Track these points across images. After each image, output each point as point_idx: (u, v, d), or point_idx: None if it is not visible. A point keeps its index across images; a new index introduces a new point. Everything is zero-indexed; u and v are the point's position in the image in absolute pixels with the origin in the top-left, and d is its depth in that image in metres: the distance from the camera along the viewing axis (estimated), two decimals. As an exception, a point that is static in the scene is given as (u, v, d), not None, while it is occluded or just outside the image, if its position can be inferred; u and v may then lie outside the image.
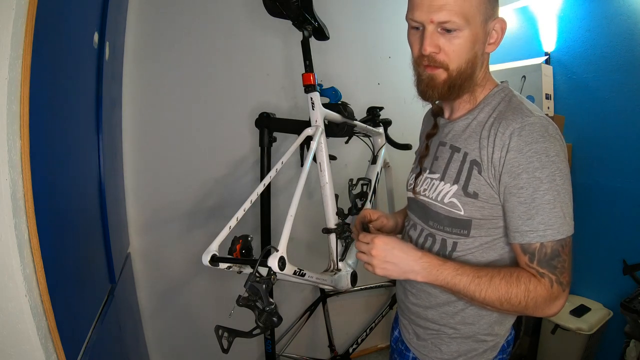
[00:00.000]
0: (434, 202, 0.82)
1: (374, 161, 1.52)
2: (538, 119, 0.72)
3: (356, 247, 0.82)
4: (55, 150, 0.81)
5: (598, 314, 1.83)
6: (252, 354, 1.92)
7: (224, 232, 0.88)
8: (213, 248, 0.83)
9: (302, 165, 1.08)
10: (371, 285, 2.09)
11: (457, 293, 0.75)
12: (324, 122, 1.16)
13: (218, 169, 1.71)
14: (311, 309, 1.96)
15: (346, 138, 1.44)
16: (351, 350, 2.04)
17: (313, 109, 1.13)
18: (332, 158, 1.21)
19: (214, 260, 0.82)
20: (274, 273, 0.77)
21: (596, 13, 1.86)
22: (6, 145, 0.61)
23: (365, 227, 1.08)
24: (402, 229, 1.01)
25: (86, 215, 1.01)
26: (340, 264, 1.16)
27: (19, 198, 0.65)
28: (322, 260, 1.20)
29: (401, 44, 0.90)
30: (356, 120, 1.36)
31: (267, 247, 0.78)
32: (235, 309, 0.70)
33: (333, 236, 1.17)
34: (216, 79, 1.67)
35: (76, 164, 0.96)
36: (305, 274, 0.92)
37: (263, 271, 0.78)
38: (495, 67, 2.05)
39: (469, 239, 0.79)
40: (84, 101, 1.02)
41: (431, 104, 0.90)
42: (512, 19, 2.19)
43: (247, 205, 0.93)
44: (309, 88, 1.13)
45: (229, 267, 0.83)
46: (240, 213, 0.91)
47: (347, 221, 1.26)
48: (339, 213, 1.19)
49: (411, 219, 0.92)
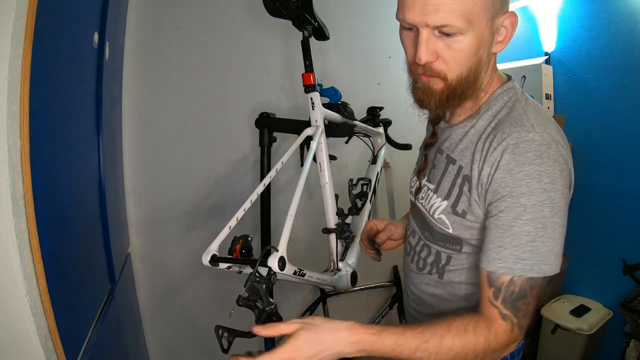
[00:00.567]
0: (427, 215, 0.78)
1: (374, 161, 1.52)
2: (539, 136, 0.62)
3: None
4: (55, 150, 0.81)
5: (598, 314, 1.83)
6: (252, 354, 1.92)
7: (224, 232, 0.88)
8: (213, 248, 0.83)
9: (302, 165, 1.08)
10: (371, 285, 2.09)
11: None
12: (324, 122, 1.16)
13: (218, 169, 1.71)
14: (311, 309, 1.95)
15: (346, 138, 1.44)
16: (351, 350, 2.04)
17: (313, 109, 1.13)
18: (332, 158, 1.21)
19: (214, 260, 0.82)
20: (274, 273, 0.77)
21: (596, 13, 1.86)
22: (6, 145, 0.61)
23: (371, 242, 1.07)
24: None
25: (86, 215, 1.01)
26: (340, 264, 1.17)
27: (19, 198, 0.65)
28: (322, 260, 1.20)
29: (401, 44, 0.89)
30: (356, 120, 1.36)
31: (267, 247, 0.78)
32: (235, 309, 0.70)
33: (333, 236, 1.17)
34: (216, 79, 1.67)
35: (76, 164, 0.96)
36: (305, 274, 0.92)
37: (263, 271, 0.78)
38: (495, 67, 2.05)
39: (462, 255, 0.74)
40: (84, 101, 1.02)
41: (429, 112, 0.82)
42: (512, 19, 2.18)
43: (247, 205, 0.93)
44: (309, 88, 1.13)
45: (229, 267, 0.83)
46: (240, 213, 0.91)
47: (347, 221, 1.26)
48: (339, 213, 1.19)
49: (411, 225, 0.88)
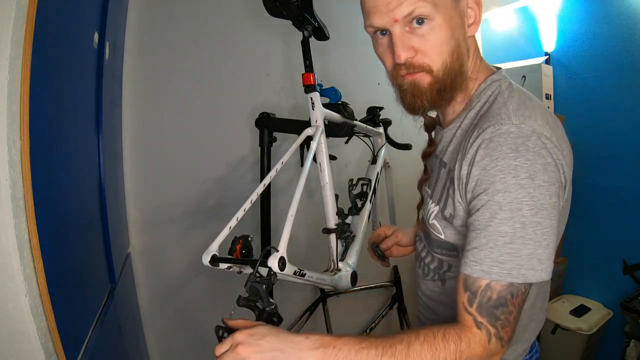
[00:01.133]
0: (426, 221, 0.77)
1: (374, 161, 1.51)
2: (515, 128, 0.58)
3: None
4: (55, 150, 0.81)
5: (598, 314, 1.84)
6: (252, 354, 1.91)
7: (224, 233, 0.87)
8: (213, 248, 0.83)
9: (302, 165, 1.08)
10: (371, 285, 2.09)
11: None
12: (324, 122, 1.16)
13: (218, 169, 1.71)
14: (311, 309, 1.95)
15: (346, 138, 1.44)
16: (351, 350, 2.04)
17: (313, 109, 1.13)
18: (332, 158, 1.21)
19: (214, 260, 0.82)
20: (274, 273, 0.77)
21: (596, 13, 1.86)
22: (6, 145, 0.61)
23: (375, 249, 1.07)
24: None
25: (86, 215, 1.01)
26: (340, 264, 1.16)
27: (19, 198, 0.65)
28: (322, 260, 1.20)
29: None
30: (356, 120, 1.36)
31: (267, 248, 0.78)
32: (235, 310, 0.70)
33: (333, 236, 1.17)
34: (216, 79, 1.67)
35: (76, 164, 0.96)
36: (305, 274, 0.92)
37: (263, 271, 0.78)
38: (495, 67, 2.05)
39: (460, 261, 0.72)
40: (84, 101, 1.02)
41: (423, 118, 0.77)
42: (512, 19, 2.19)
43: (247, 205, 0.93)
44: (309, 88, 1.13)
45: (229, 268, 0.83)
46: (240, 213, 0.91)
47: (347, 221, 1.26)
48: (339, 213, 1.19)
49: (419, 232, 0.87)
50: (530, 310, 0.75)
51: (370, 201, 1.34)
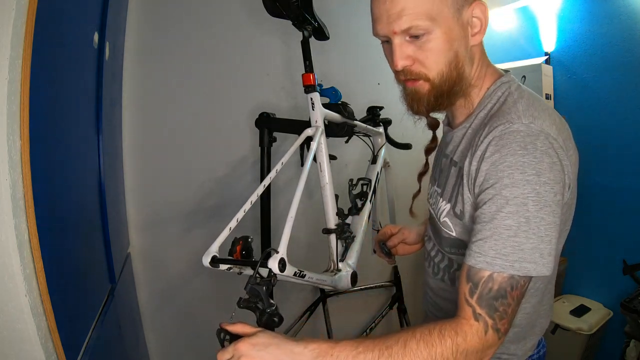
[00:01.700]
0: (436, 219, 0.78)
1: (374, 161, 1.51)
2: (525, 127, 0.61)
3: None
4: (55, 150, 0.81)
5: (598, 314, 1.84)
6: (252, 354, 1.91)
7: (224, 234, 0.87)
8: (213, 249, 0.83)
9: (302, 165, 1.08)
10: (371, 285, 2.09)
11: None
12: (324, 122, 1.16)
13: (218, 169, 1.71)
14: (311, 309, 1.96)
15: (346, 138, 1.44)
16: (351, 350, 2.04)
17: (313, 110, 1.13)
18: (332, 158, 1.21)
19: (215, 261, 0.82)
20: (274, 275, 0.77)
21: (596, 13, 1.86)
22: (6, 145, 0.61)
23: (382, 246, 1.08)
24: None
25: (86, 215, 1.01)
26: (340, 264, 1.16)
27: (19, 198, 0.65)
28: (322, 260, 1.20)
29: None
30: (356, 120, 1.36)
31: (268, 250, 0.78)
32: (236, 311, 0.71)
33: (333, 236, 1.17)
34: (216, 79, 1.67)
35: (76, 164, 0.96)
36: (305, 275, 0.92)
37: (263, 272, 0.78)
38: (495, 67, 2.06)
39: None
40: (84, 101, 1.02)
41: (425, 118, 0.81)
42: (512, 19, 2.19)
43: (247, 206, 0.93)
44: (309, 88, 1.13)
45: (229, 269, 0.83)
46: (240, 214, 0.91)
47: (347, 221, 1.26)
48: (339, 213, 1.19)
49: (428, 231, 0.87)
50: (538, 306, 0.77)
51: (370, 201, 1.34)
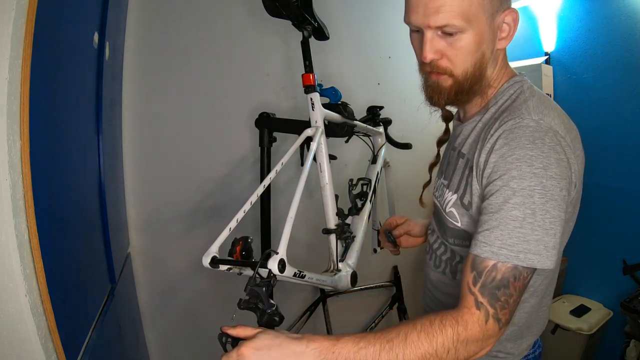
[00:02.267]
0: (441, 210, 0.79)
1: (374, 161, 1.51)
2: (534, 123, 0.63)
3: None
4: (55, 150, 0.81)
5: (598, 314, 1.84)
6: (252, 354, 1.91)
7: (224, 234, 0.87)
8: (213, 250, 0.83)
9: (302, 164, 1.08)
10: (371, 285, 2.09)
11: None
12: (324, 123, 1.16)
13: (218, 169, 1.71)
14: (311, 309, 1.95)
15: (346, 138, 1.44)
16: (351, 350, 2.04)
17: (313, 110, 1.13)
18: (332, 158, 1.21)
19: (214, 262, 0.82)
20: (274, 275, 0.77)
21: (596, 13, 1.86)
22: (6, 145, 0.61)
23: (388, 235, 1.09)
24: None
25: (86, 215, 1.01)
26: (340, 265, 1.17)
27: (19, 198, 0.65)
28: (322, 260, 1.20)
29: (401, 44, 0.90)
30: (356, 119, 1.36)
31: (267, 251, 0.78)
32: (236, 312, 0.71)
33: (333, 237, 1.17)
34: (216, 79, 1.67)
35: (76, 164, 0.96)
36: (305, 276, 0.92)
37: (263, 273, 0.78)
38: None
39: None
40: (84, 101, 1.02)
41: (441, 110, 0.85)
42: (512, 19, 2.18)
43: (247, 207, 0.93)
44: (309, 89, 1.13)
45: (229, 269, 0.83)
46: (240, 215, 0.91)
47: (347, 222, 1.26)
48: (339, 213, 1.19)
49: (432, 224, 0.89)
50: (538, 306, 0.77)
51: (370, 201, 1.34)
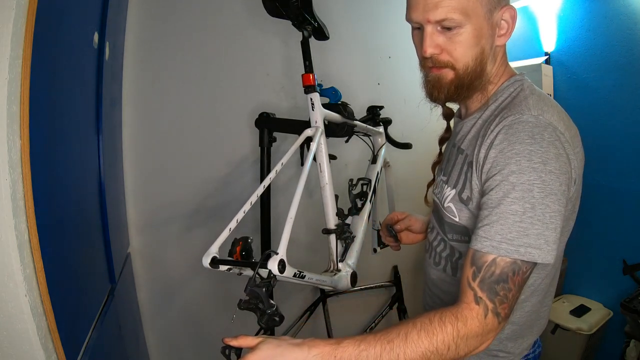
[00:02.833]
0: (440, 205, 0.80)
1: (374, 161, 1.51)
2: (534, 118, 0.64)
3: None
4: (55, 150, 0.81)
5: (598, 314, 1.84)
6: (252, 354, 1.91)
7: (224, 234, 0.87)
8: (213, 250, 0.83)
9: (302, 164, 1.08)
10: (371, 285, 2.09)
11: None
12: (324, 123, 1.16)
13: (218, 169, 1.71)
14: (311, 309, 1.95)
15: (346, 138, 1.44)
16: (351, 350, 2.04)
17: (313, 110, 1.13)
18: (332, 158, 1.21)
19: (215, 262, 0.82)
20: (274, 276, 0.77)
21: (596, 13, 1.86)
22: (6, 145, 0.61)
23: (390, 230, 1.09)
24: None
25: (86, 215, 1.01)
26: (340, 265, 1.17)
27: (19, 198, 0.65)
28: (322, 260, 1.20)
29: (401, 44, 0.90)
30: (356, 120, 1.36)
31: (267, 251, 0.78)
32: (236, 313, 0.71)
33: (333, 237, 1.17)
34: (216, 79, 1.67)
35: (76, 164, 0.96)
36: (305, 276, 0.92)
37: (263, 273, 0.78)
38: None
39: None
40: (84, 101, 1.02)
41: (441, 107, 0.85)
42: (512, 19, 2.18)
43: (247, 207, 0.93)
44: (309, 89, 1.13)
45: (229, 269, 0.83)
46: (240, 215, 0.91)
47: (347, 222, 1.26)
48: (339, 214, 1.19)
49: (431, 221, 0.89)
50: (539, 306, 0.78)
51: (370, 201, 1.34)
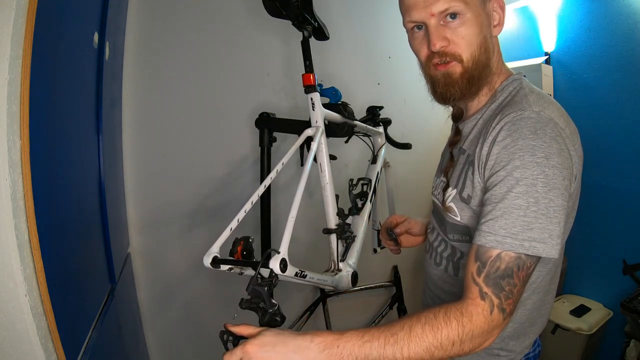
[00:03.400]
0: (440, 205, 0.80)
1: (374, 161, 1.51)
2: (535, 114, 0.65)
3: None
4: (55, 150, 0.81)
5: (598, 314, 1.84)
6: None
7: (225, 234, 0.87)
8: (214, 250, 0.83)
9: (302, 164, 1.08)
10: (371, 285, 2.09)
11: None
12: (324, 122, 1.16)
13: (218, 169, 1.71)
14: (311, 309, 1.95)
15: (346, 138, 1.44)
16: (351, 350, 2.04)
17: (313, 110, 1.13)
18: (332, 158, 1.21)
19: (216, 262, 0.82)
20: (276, 275, 0.77)
21: (596, 13, 1.86)
22: (6, 145, 0.61)
23: (390, 233, 1.09)
24: None
25: (86, 215, 1.01)
26: (340, 264, 1.17)
27: (19, 198, 0.64)
28: (323, 260, 1.20)
29: (401, 44, 0.89)
30: (356, 120, 1.36)
31: (269, 250, 0.78)
32: (238, 312, 0.71)
33: (334, 236, 1.17)
34: (216, 79, 1.67)
35: (76, 164, 0.96)
36: (306, 275, 0.92)
37: (264, 273, 0.78)
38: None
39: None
40: (84, 101, 1.02)
41: (452, 107, 0.85)
42: (512, 19, 2.19)
43: (248, 207, 0.93)
44: (309, 88, 1.13)
45: (231, 269, 0.83)
46: (241, 215, 0.91)
47: (348, 221, 1.26)
48: (340, 213, 1.19)
49: (432, 222, 0.89)
50: (540, 304, 0.78)
51: (370, 201, 1.34)
